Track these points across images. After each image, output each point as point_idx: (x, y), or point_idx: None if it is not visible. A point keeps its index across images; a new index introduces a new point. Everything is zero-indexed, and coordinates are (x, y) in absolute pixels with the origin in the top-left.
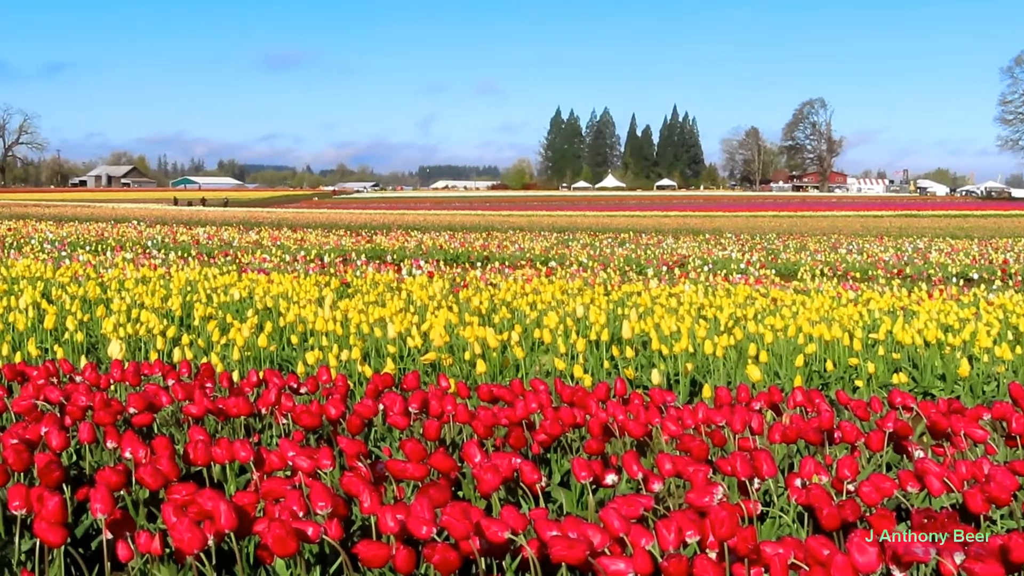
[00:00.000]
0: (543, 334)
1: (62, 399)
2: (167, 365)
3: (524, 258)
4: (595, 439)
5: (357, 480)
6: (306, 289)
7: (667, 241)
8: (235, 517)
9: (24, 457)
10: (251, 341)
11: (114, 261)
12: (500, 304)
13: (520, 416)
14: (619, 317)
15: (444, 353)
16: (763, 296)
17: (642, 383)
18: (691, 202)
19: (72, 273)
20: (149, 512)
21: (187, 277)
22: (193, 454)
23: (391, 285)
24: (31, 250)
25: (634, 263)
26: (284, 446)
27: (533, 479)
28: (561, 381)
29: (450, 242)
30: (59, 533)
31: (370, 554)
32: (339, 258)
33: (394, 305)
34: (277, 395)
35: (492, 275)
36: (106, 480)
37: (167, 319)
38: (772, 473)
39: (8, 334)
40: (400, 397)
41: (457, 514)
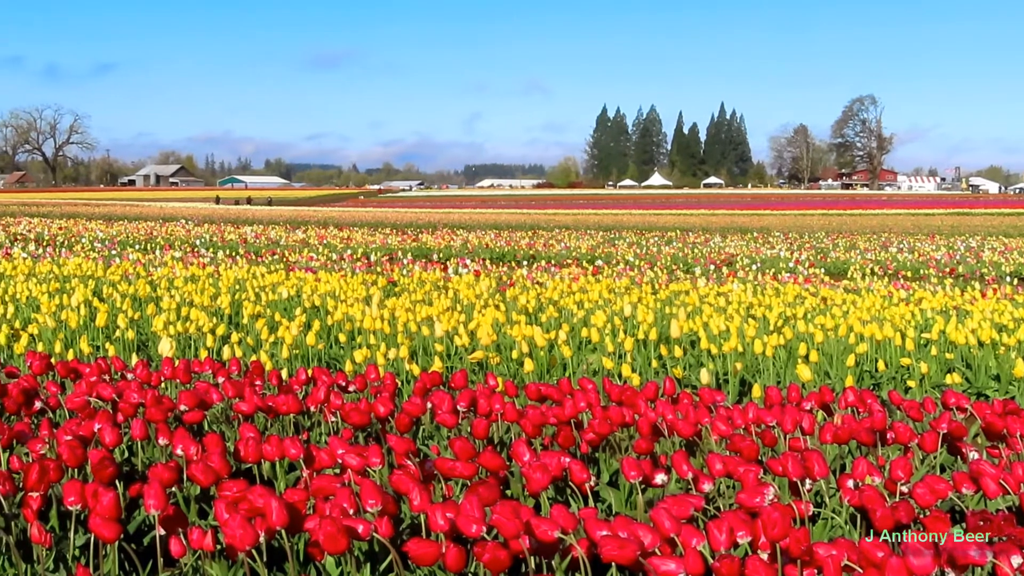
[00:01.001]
0: (590, 333)
1: (114, 396)
2: (217, 363)
3: (570, 257)
4: (644, 438)
5: (407, 478)
6: (353, 288)
7: (714, 240)
8: (286, 514)
9: (78, 453)
10: (299, 339)
11: (163, 260)
12: (547, 303)
13: (569, 415)
14: (667, 316)
15: (491, 352)
16: (813, 295)
17: (690, 383)
18: (738, 200)
19: (122, 272)
20: (200, 509)
21: (236, 276)
22: (244, 451)
23: (438, 284)
24: (82, 249)
25: (681, 262)
26: (334, 444)
27: (582, 478)
28: (609, 380)
29: (496, 241)
30: (113, 529)
31: (420, 552)
32: (385, 257)
33: (441, 304)
34: (326, 393)
35: (538, 274)
36: (159, 476)
37: (216, 317)
38: (824, 474)
39: (61, 332)
40: (448, 395)
41: (507, 513)
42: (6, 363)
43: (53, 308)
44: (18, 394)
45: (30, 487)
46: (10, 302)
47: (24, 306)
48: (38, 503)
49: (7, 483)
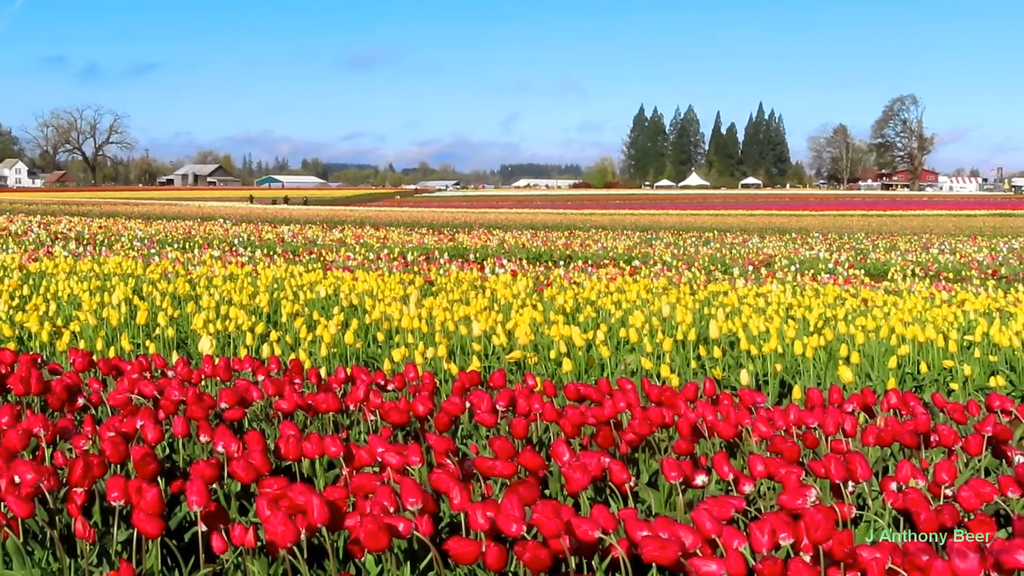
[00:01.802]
0: (628, 333)
1: (156, 393)
2: (256, 361)
3: (607, 257)
4: (684, 439)
5: (446, 477)
6: (390, 287)
7: (752, 240)
8: (327, 511)
9: (121, 449)
10: (337, 338)
11: (202, 258)
12: (584, 303)
13: (608, 415)
14: (705, 317)
15: (529, 351)
16: (853, 296)
17: (729, 384)
18: (777, 201)
19: (162, 270)
20: (240, 505)
21: (274, 274)
22: (284, 449)
23: (475, 283)
24: (121, 247)
25: (719, 262)
26: (373, 442)
27: (622, 479)
28: (648, 380)
29: (532, 241)
30: (156, 524)
31: (461, 550)
32: (422, 256)
33: (478, 303)
34: (366, 392)
35: (575, 274)
36: (201, 473)
37: (255, 316)
38: (867, 476)
39: (102, 329)
40: (487, 395)
41: (548, 512)
42: (49, 360)
43: (94, 306)
44: (61, 391)
45: (74, 482)
46: (52, 300)
47: (66, 304)
48: (82, 498)
49: (52, 478)
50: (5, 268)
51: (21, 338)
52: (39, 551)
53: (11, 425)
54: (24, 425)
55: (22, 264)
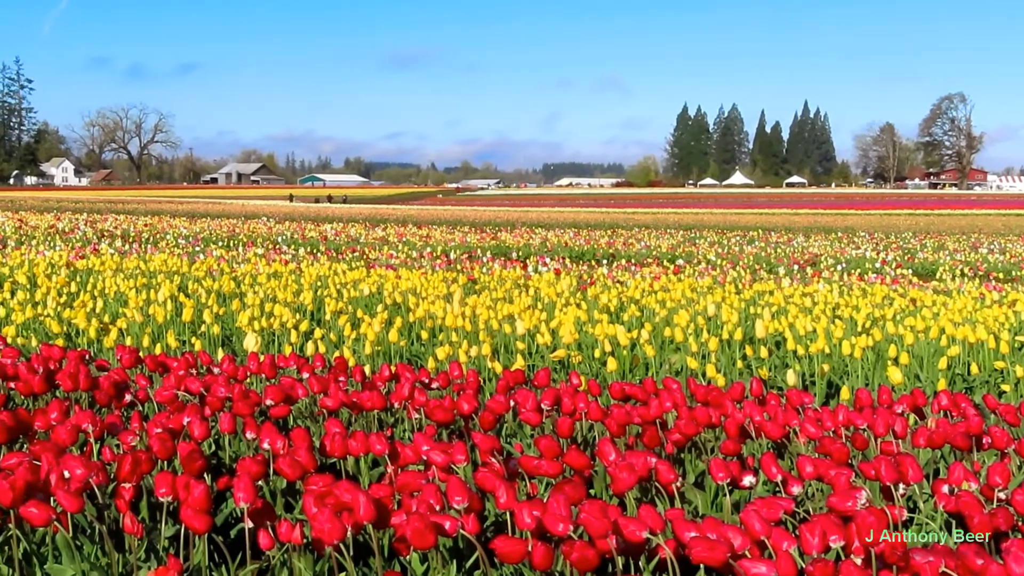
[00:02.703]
0: (674, 332)
1: (202, 390)
2: (301, 358)
3: (650, 256)
4: (731, 440)
5: (492, 476)
6: (434, 285)
7: (798, 239)
8: (374, 509)
9: (168, 446)
10: (381, 336)
11: (246, 256)
12: (628, 302)
13: (654, 415)
14: (751, 316)
15: (573, 350)
16: (901, 296)
17: (776, 384)
18: (822, 200)
19: (207, 268)
20: (286, 502)
21: (317, 272)
22: (330, 446)
23: (518, 282)
24: (166, 245)
25: (764, 261)
26: (418, 440)
27: (669, 479)
28: (693, 380)
29: (575, 239)
30: (204, 520)
31: (507, 549)
32: (465, 254)
33: (522, 302)
34: (410, 390)
35: (619, 272)
36: (247, 470)
37: (299, 313)
38: (918, 478)
39: (148, 326)
40: (532, 393)
41: (595, 512)
42: (96, 357)
43: (140, 303)
44: (109, 387)
45: (123, 478)
46: (99, 297)
47: (112, 301)
48: (131, 494)
49: (100, 473)
50: (53, 265)
51: (69, 335)
52: (88, 546)
53: (60, 421)
54: (73, 421)
55: (69, 261)
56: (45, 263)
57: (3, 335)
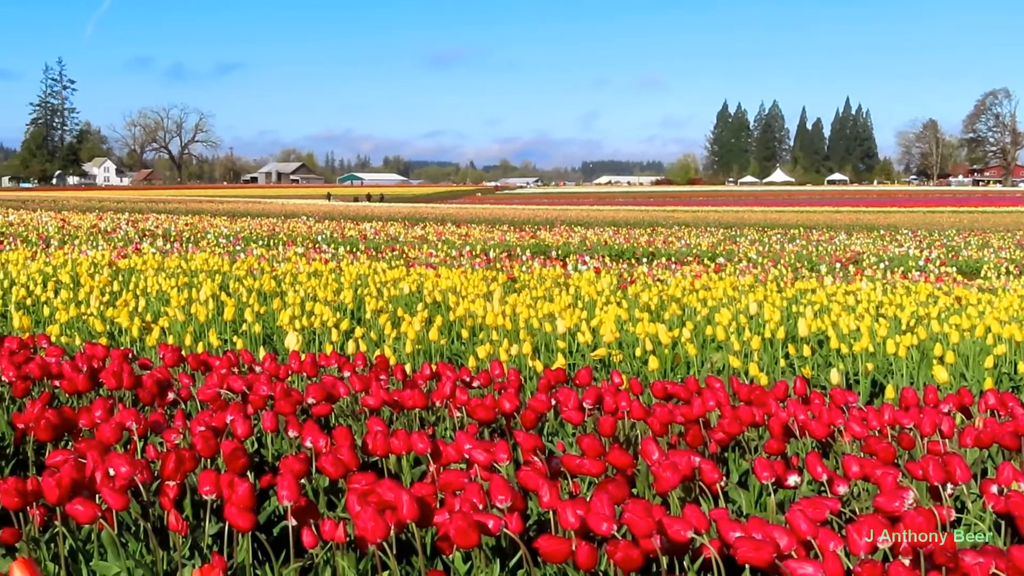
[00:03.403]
0: (715, 331)
1: (244, 388)
2: (342, 357)
3: (691, 254)
4: (775, 439)
5: (535, 474)
6: (473, 284)
7: (840, 237)
8: (417, 508)
9: (212, 444)
10: (422, 334)
11: (286, 255)
12: (669, 300)
13: (697, 414)
14: (793, 315)
15: (614, 349)
16: (946, 295)
17: (819, 383)
18: (864, 197)
19: (247, 267)
20: (328, 501)
21: (357, 271)
22: (372, 445)
23: (558, 280)
24: (207, 244)
25: (805, 260)
26: (460, 439)
27: (713, 478)
28: (736, 379)
29: (614, 238)
30: (248, 518)
31: (551, 549)
32: (504, 253)
33: (562, 300)
34: (452, 388)
35: (659, 271)
36: (291, 468)
37: (339, 312)
38: (966, 478)
39: (190, 325)
40: (574, 392)
41: (639, 511)
42: (139, 355)
43: (182, 302)
44: (152, 385)
45: (167, 476)
46: (141, 296)
47: (154, 300)
48: (175, 492)
49: (145, 471)
50: (96, 264)
51: (112, 333)
52: (133, 543)
53: (104, 419)
54: (117, 419)
55: (112, 260)
56: (88, 262)
57: (47, 334)
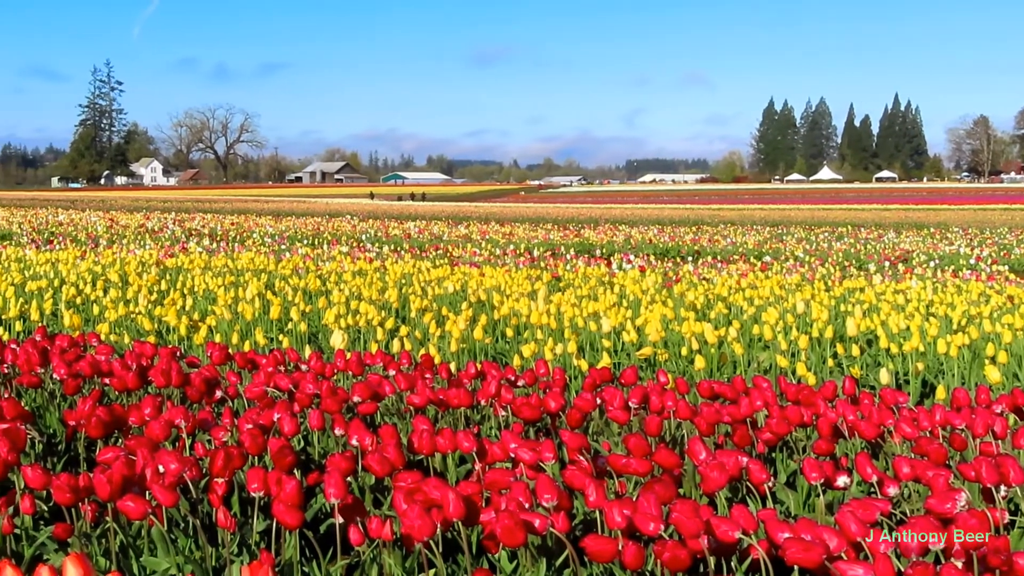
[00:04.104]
0: (762, 330)
1: (291, 387)
2: (387, 356)
3: (736, 252)
4: (824, 439)
5: (581, 474)
6: (518, 283)
7: (888, 235)
8: (463, 506)
9: (260, 441)
10: (466, 333)
11: (331, 254)
12: (715, 299)
13: (744, 414)
14: (841, 314)
15: (660, 348)
16: (998, 293)
17: (867, 383)
18: (913, 194)
19: (293, 266)
20: (374, 499)
21: (402, 270)
22: (418, 443)
23: (602, 279)
24: (253, 243)
25: (854, 258)
26: (506, 438)
27: (761, 479)
28: (783, 379)
29: (659, 236)
30: (296, 516)
31: (598, 548)
32: (548, 252)
33: (607, 299)
34: (497, 387)
35: (705, 269)
36: (337, 466)
37: (384, 311)
38: (1020, 480)
39: (237, 323)
40: (619, 391)
41: (687, 511)
42: (186, 353)
43: (229, 300)
44: (200, 383)
45: (216, 473)
46: (188, 295)
47: (201, 299)
48: (223, 489)
49: (194, 468)
50: (144, 264)
51: (160, 332)
52: (182, 539)
53: (154, 416)
54: (166, 417)
55: (159, 260)
56: (136, 261)
57: (97, 332)
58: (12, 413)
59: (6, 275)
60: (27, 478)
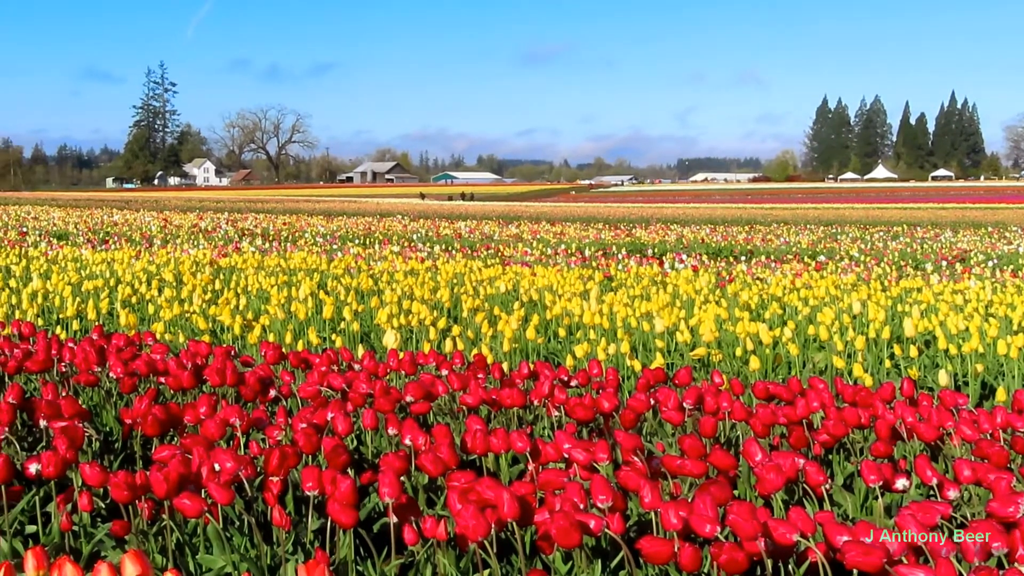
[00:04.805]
0: (818, 331)
1: (344, 386)
2: (440, 355)
3: (790, 252)
4: (882, 441)
5: (635, 475)
6: (570, 282)
7: (945, 234)
8: (518, 506)
9: (314, 441)
10: (518, 333)
11: (382, 254)
12: (769, 299)
13: (801, 415)
14: (898, 314)
15: (714, 348)
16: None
17: (926, 384)
18: (970, 193)
19: (345, 265)
20: (427, 498)
21: (453, 270)
22: (471, 443)
23: (655, 279)
24: (305, 243)
25: (910, 258)
26: (560, 438)
27: (818, 481)
28: (840, 380)
29: (711, 236)
30: (351, 515)
31: (654, 550)
32: (599, 251)
33: (660, 299)
34: (550, 387)
35: (758, 269)
36: (391, 465)
37: (436, 310)
38: None
39: (290, 323)
40: (673, 392)
41: (744, 513)
42: (240, 353)
43: (282, 300)
44: (255, 382)
45: (271, 472)
46: (242, 294)
47: (254, 298)
48: (278, 488)
49: (249, 467)
50: (197, 263)
51: (214, 331)
52: (237, 537)
53: (209, 415)
54: (221, 415)
55: (213, 259)
56: (190, 261)
57: (152, 331)
58: (70, 411)
59: (63, 274)
60: (85, 475)
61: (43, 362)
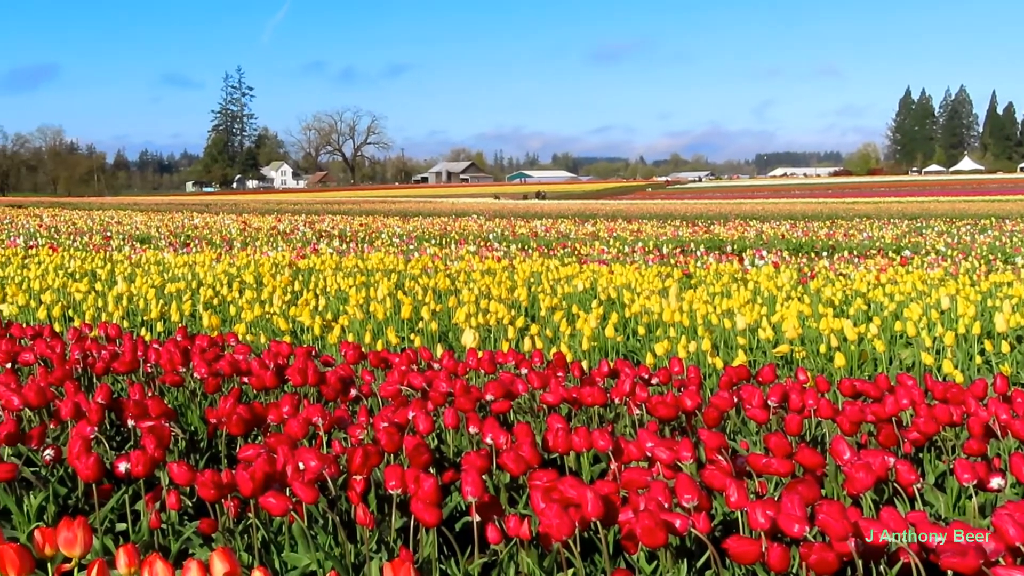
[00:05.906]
0: (904, 327)
1: (424, 385)
2: (519, 354)
3: (874, 247)
4: (976, 439)
5: (720, 473)
6: (648, 280)
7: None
8: (601, 506)
9: (395, 439)
10: (597, 332)
11: (459, 254)
12: (853, 295)
13: (890, 412)
14: (988, 309)
15: (797, 345)
16: None
17: (1019, 381)
18: None
19: (422, 265)
20: (510, 497)
21: (530, 269)
22: (552, 442)
23: (735, 275)
24: (381, 244)
25: (999, 251)
26: (643, 436)
27: (909, 480)
28: (929, 376)
29: (792, 231)
30: (434, 513)
31: (742, 550)
32: (677, 248)
33: (740, 296)
34: (631, 386)
35: (841, 265)
36: (473, 464)
37: (514, 309)
38: None
39: (369, 323)
40: (758, 390)
41: (834, 513)
42: (321, 353)
43: (360, 300)
44: (336, 382)
45: (354, 471)
46: (321, 295)
47: (333, 299)
48: (361, 486)
49: (333, 466)
50: (277, 265)
51: (295, 331)
52: (321, 535)
53: (292, 414)
54: (304, 415)
55: (292, 261)
56: (269, 263)
57: (234, 332)
58: (157, 411)
59: (147, 277)
60: (173, 474)
61: (130, 363)
